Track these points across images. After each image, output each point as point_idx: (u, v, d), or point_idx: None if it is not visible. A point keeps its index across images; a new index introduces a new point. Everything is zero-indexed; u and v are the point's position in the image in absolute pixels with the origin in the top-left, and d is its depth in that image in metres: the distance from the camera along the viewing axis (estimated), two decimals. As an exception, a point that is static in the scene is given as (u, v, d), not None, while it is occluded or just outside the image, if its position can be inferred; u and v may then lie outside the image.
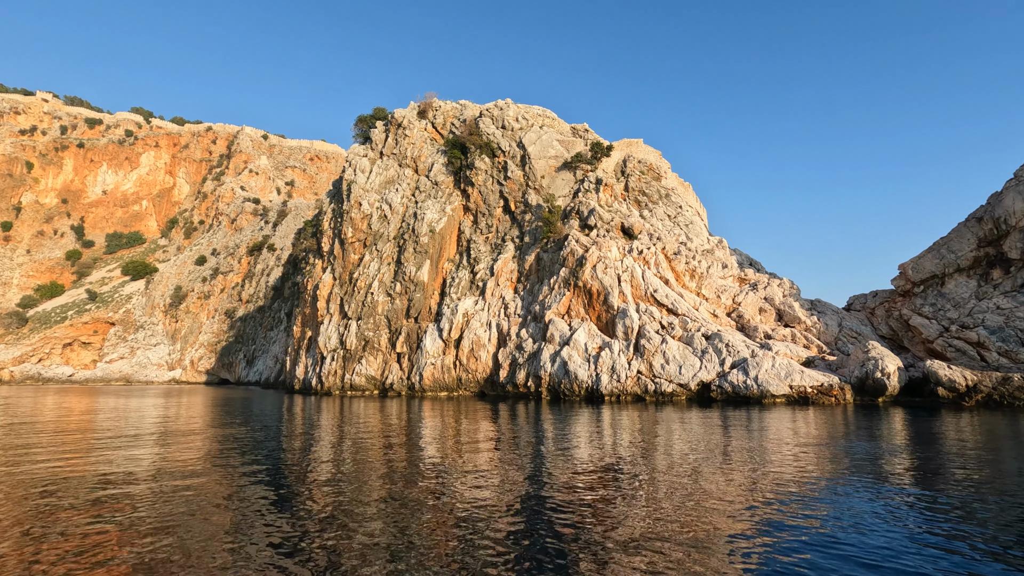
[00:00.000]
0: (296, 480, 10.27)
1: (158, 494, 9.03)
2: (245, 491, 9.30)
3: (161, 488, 9.48)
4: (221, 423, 22.75)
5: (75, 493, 9.15)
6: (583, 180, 46.25)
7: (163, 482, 10.04)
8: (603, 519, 7.54)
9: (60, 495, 8.95)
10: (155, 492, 9.19)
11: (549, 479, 10.21)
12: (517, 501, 8.50)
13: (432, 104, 56.33)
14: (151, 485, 9.79)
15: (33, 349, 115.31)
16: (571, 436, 17.40)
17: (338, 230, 53.38)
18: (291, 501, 8.59)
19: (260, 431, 19.39)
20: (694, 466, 11.61)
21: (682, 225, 44.34)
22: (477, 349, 42.77)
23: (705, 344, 33.91)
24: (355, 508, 8.02)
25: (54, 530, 6.94)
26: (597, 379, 34.77)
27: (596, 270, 38.32)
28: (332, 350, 48.98)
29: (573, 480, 10.13)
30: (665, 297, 36.69)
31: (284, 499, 8.72)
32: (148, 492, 9.21)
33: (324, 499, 8.62)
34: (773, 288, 38.29)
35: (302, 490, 9.37)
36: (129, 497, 8.86)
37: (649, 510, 8.00)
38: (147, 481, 10.15)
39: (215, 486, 9.68)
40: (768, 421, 20.95)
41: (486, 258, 46.44)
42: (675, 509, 8.05)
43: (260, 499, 8.72)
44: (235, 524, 7.28)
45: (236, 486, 9.70)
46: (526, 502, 8.44)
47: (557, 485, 9.67)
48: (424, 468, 11.52)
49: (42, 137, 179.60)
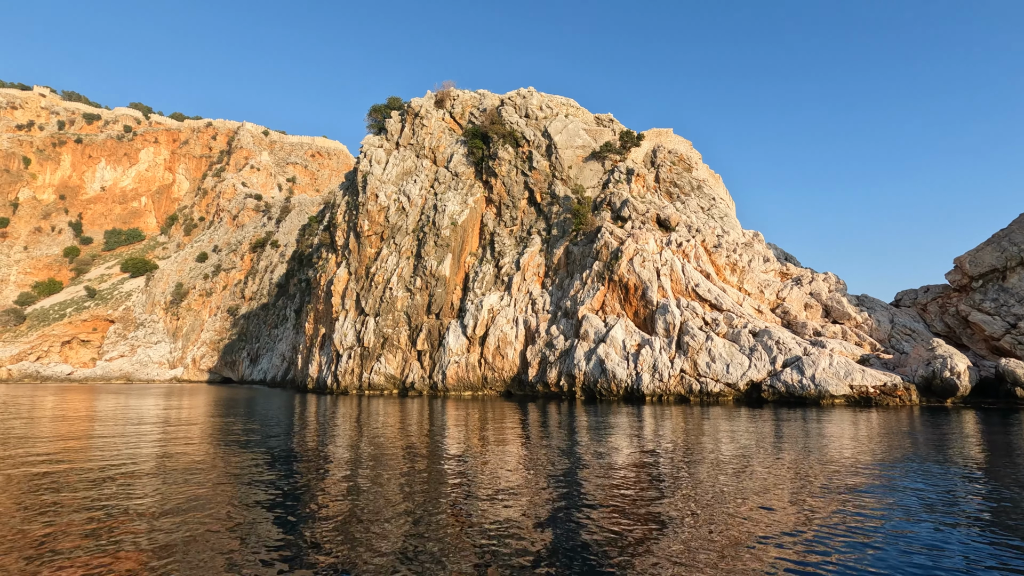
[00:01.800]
0: (318, 484, 9.62)
1: (168, 503, 8.20)
2: (254, 494, 8.80)
3: (172, 499, 8.53)
4: (233, 425, 20.76)
5: (74, 498, 8.39)
6: (613, 170, 44.29)
7: (174, 490, 9.17)
8: (651, 540, 6.37)
9: (55, 512, 7.74)
10: (166, 501, 8.32)
11: (588, 487, 9.16)
12: (550, 512, 7.58)
13: (450, 93, 54.33)
14: (163, 493, 8.85)
15: (31, 347, 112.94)
16: (616, 440, 15.65)
17: (353, 223, 51.35)
18: (312, 506, 8.04)
19: (279, 435, 17.41)
20: (755, 477, 9.88)
21: (716, 218, 42.47)
22: (503, 346, 40.83)
23: (753, 341, 32.04)
24: (372, 521, 7.15)
25: (51, 548, 6.18)
26: (637, 378, 32.87)
27: (633, 263, 36.39)
28: (348, 348, 46.96)
29: (618, 491, 8.84)
30: (708, 292, 34.80)
31: (305, 503, 8.16)
32: (163, 499, 8.45)
33: (342, 511, 7.78)
34: (818, 283, 36.43)
35: (323, 495, 8.72)
36: (139, 502, 8.25)
37: (717, 544, 6.25)
38: (158, 490, 9.18)
39: (226, 488, 9.17)
40: (832, 424, 19.17)
41: (511, 252, 44.47)
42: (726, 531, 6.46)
43: (273, 503, 8.16)
44: (238, 526, 6.93)
45: (244, 488, 9.18)
46: (560, 514, 7.46)
47: (597, 495, 8.55)
48: (450, 472, 10.68)
49: (39, 132, 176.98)
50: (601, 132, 47.59)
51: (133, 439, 16.42)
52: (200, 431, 18.98)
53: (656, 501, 8.08)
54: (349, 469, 11.04)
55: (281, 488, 9.16)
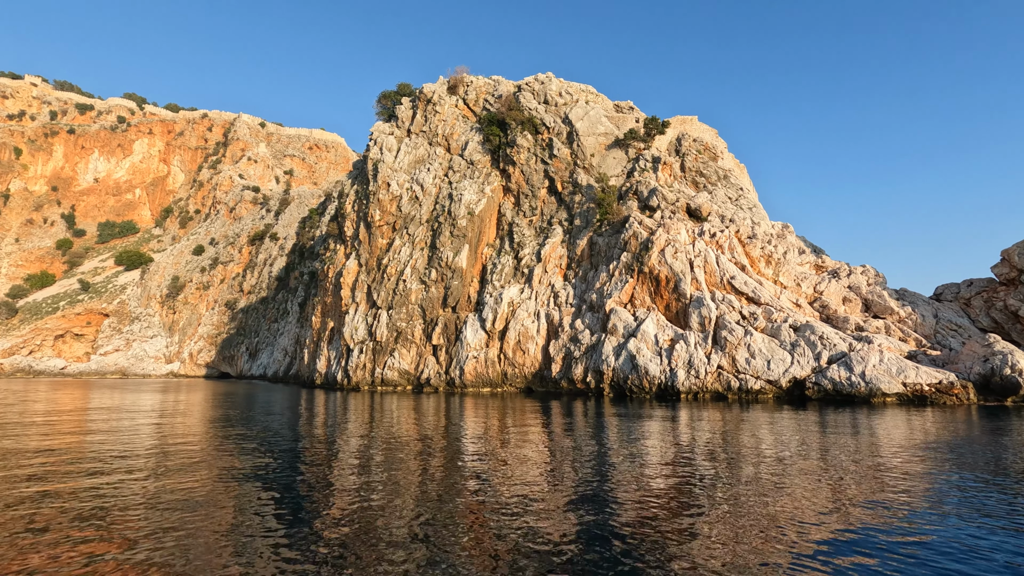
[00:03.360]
0: (329, 481, 9.20)
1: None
2: (261, 491, 8.41)
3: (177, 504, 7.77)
4: (241, 422, 19.00)
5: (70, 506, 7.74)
6: (638, 158, 42.58)
7: (182, 490, 8.68)
8: (685, 556, 5.71)
9: (47, 518, 7.19)
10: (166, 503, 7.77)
11: (618, 492, 8.49)
12: (577, 522, 6.92)
13: (463, 79, 52.44)
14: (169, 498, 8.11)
15: (24, 341, 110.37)
16: (652, 441, 14.22)
17: (363, 213, 49.46)
18: (321, 503, 7.71)
19: (291, 431, 15.67)
20: (820, 492, 8.50)
21: (744, 208, 40.89)
22: (525, 341, 39.15)
23: (794, 336, 30.50)
24: (384, 525, 6.66)
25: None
26: (672, 375, 31.28)
27: (665, 255, 34.76)
28: (359, 342, 45.16)
29: (652, 499, 8.07)
30: (744, 284, 33.22)
31: (314, 501, 7.81)
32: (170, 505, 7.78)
33: (353, 511, 7.31)
34: (857, 276, 34.92)
35: (335, 494, 8.27)
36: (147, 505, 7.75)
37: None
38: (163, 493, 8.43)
39: (232, 487, 8.74)
40: (887, 425, 17.71)
41: (531, 243, 42.73)
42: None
43: (281, 500, 7.84)
44: (243, 524, 6.67)
45: (251, 487, 8.74)
46: (588, 522, 6.85)
47: (627, 501, 7.89)
48: (471, 471, 10.15)
49: (31, 122, 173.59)
50: (624, 119, 45.86)
51: (142, 435, 14.88)
52: (207, 428, 17.36)
53: (694, 512, 7.27)
54: (363, 468, 10.48)
55: (290, 486, 8.69)
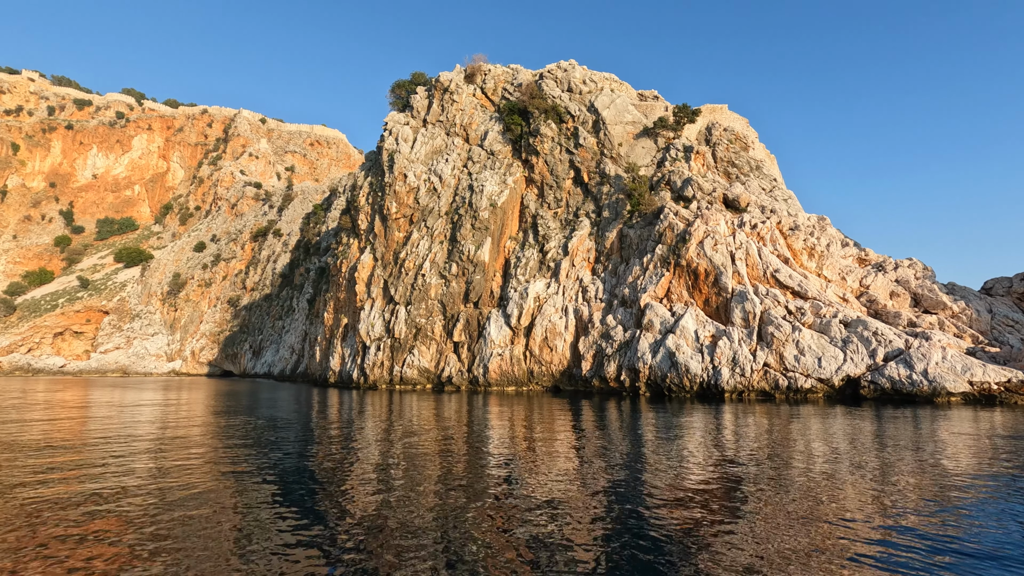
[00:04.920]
0: (347, 482, 8.90)
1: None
2: (273, 493, 8.14)
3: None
4: (257, 424, 17.32)
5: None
6: (668, 148, 40.94)
7: (195, 491, 8.38)
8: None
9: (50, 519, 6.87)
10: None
11: (656, 502, 7.85)
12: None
13: (480, 68, 50.71)
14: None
15: (22, 338, 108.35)
16: (708, 449, 12.60)
17: (379, 205, 47.71)
18: (340, 507, 7.43)
19: (313, 433, 14.01)
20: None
21: (779, 200, 39.29)
22: (552, 338, 37.50)
23: (845, 332, 28.90)
24: (401, 531, 6.23)
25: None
26: (715, 373, 29.67)
27: (704, 247, 33.13)
28: (376, 339, 43.45)
29: (697, 512, 7.45)
30: (789, 278, 31.61)
31: (333, 504, 7.55)
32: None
33: (371, 516, 6.99)
34: (904, 270, 33.35)
35: (354, 496, 8.00)
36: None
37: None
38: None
39: (245, 488, 8.47)
40: (961, 426, 16.29)
41: (557, 235, 41.05)
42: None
43: (296, 503, 7.57)
44: (255, 530, 6.31)
45: (263, 488, 8.44)
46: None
47: (666, 513, 7.34)
48: (499, 477, 9.59)
49: (28, 118, 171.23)
50: (652, 107, 44.21)
51: (158, 436, 13.41)
52: (220, 430, 15.81)
53: (747, 538, 6.39)
54: (382, 469, 10.12)
55: (307, 486, 8.46)
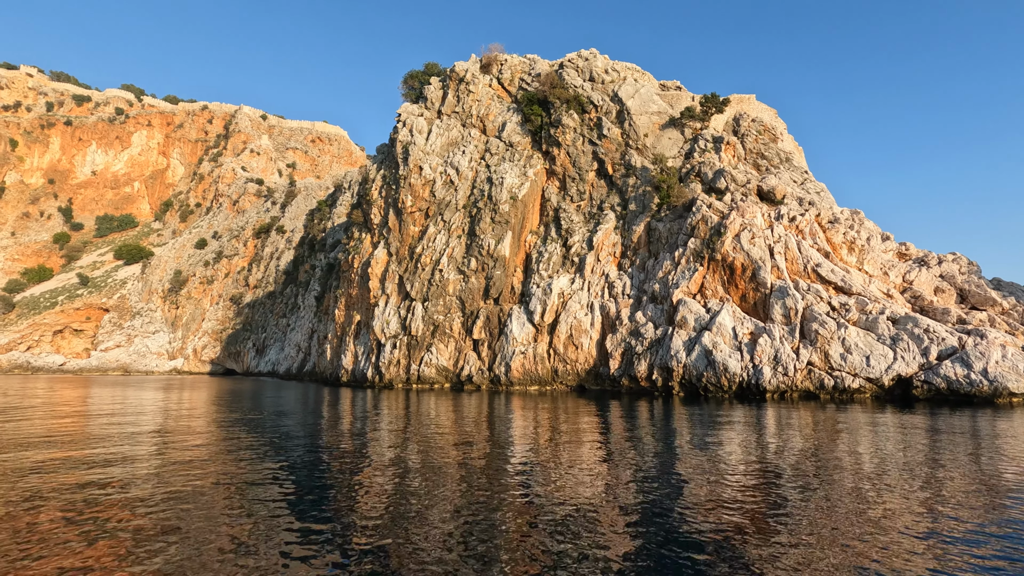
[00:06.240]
0: (364, 485, 8.60)
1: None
2: (284, 496, 7.85)
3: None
4: (275, 425, 15.88)
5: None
6: (696, 139, 39.54)
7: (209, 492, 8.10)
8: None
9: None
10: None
11: (698, 516, 7.23)
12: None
13: (497, 58, 49.24)
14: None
15: (21, 336, 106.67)
16: (761, 451, 11.68)
17: (393, 199, 46.23)
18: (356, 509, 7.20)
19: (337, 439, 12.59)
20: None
21: (812, 193, 37.89)
22: (577, 335, 36.09)
23: (894, 329, 27.52)
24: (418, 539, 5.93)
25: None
26: (756, 372, 28.27)
27: (740, 240, 31.72)
28: (391, 336, 41.98)
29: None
30: (831, 273, 30.22)
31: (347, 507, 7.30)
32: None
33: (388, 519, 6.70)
34: (949, 264, 31.99)
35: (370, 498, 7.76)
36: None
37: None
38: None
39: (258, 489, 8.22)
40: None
41: (580, 229, 39.61)
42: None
43: (309, 507, 7.34)
44: (267, 534, 6.24)
45: (274, 490, 8.17)
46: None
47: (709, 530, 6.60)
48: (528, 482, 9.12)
49: (27, 114, 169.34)
50: (677, 97, 42.79)
51: (172, 437, 12.21)
52: (235, 429, 14.44)
53: (786, 549, 5.94)
54: (401, 473, 9.75)
55: (320, 490, 8.32)
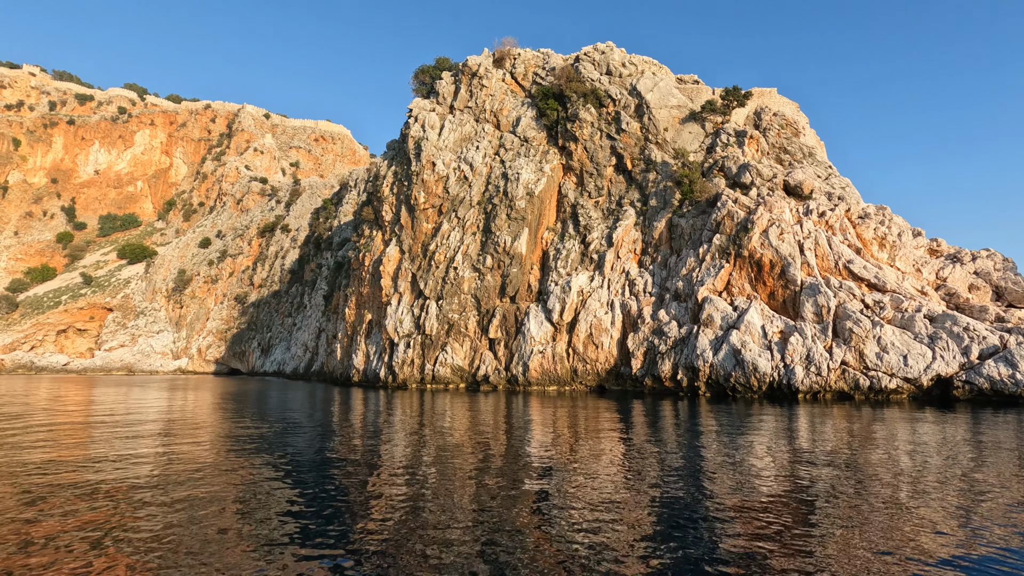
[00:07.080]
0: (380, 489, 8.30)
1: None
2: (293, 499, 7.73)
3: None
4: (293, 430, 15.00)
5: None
6: (718, 133, 38.63)
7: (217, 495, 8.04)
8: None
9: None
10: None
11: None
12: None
13: (510, 52, 48.32)
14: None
15: (25, 336, 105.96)
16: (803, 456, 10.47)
17: (405, 196, 45.34)
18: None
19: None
20: None
21: (838, 188, 36.94)
22: (598, 334, 35.17)
23: (931, 328, 26.57)
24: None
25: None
26: (787, 372, 27.34)
27: (768, 236, 30.79)
28: (405, 335, 41.09)
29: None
30: (864, 270, 29.28)
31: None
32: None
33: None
34: (983, 261, 31.04)
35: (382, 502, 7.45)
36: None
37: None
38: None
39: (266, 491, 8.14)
40: None
41: (599, 226, 38.69)
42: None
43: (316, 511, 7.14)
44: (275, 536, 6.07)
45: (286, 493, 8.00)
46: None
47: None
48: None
49: (29, 113, 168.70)
50: (696, 91, 41.88)
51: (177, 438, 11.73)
52: (244, 434, 13.53)
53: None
54: (415, 478, 9.32)
55: (332, 492, 8.10)
